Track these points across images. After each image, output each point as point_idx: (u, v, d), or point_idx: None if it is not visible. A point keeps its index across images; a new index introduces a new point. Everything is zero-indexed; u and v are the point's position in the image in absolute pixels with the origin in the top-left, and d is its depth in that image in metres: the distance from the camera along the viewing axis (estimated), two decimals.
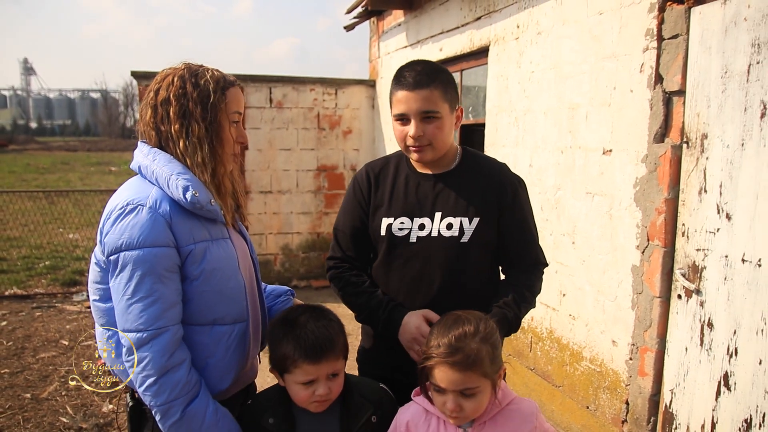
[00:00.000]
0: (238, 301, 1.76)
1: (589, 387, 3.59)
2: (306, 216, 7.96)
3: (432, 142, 1.95)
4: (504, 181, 2.05)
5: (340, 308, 1.92)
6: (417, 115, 1.94)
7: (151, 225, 1.59)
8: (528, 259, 2.10)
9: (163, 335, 1.60)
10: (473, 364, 1.54)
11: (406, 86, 1.94)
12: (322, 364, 1.67)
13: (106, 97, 79.59)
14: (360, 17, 7.54)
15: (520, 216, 2.06)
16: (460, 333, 1.58)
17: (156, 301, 1.59)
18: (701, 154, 2.74)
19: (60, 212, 10.28)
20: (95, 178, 22.87)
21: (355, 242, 2.14)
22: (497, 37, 4.65)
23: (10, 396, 4.39)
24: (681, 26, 2.83)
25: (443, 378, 1.55)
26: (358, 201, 2.14)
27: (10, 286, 7.55)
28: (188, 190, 1.62)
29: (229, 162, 1.81)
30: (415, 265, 2.02)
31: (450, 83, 1.99)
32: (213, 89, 1.70)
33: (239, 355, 1.77)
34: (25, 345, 5.50)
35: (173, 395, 1.60)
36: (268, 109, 7.62)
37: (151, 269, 1.58)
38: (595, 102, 3.48)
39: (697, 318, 2.79)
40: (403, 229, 2.03)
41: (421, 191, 2.05)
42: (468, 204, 2.00)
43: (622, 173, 3.26)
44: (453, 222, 1.99)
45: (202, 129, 1.69)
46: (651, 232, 3.05)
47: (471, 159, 2.11)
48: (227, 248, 1.76)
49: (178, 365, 1.62)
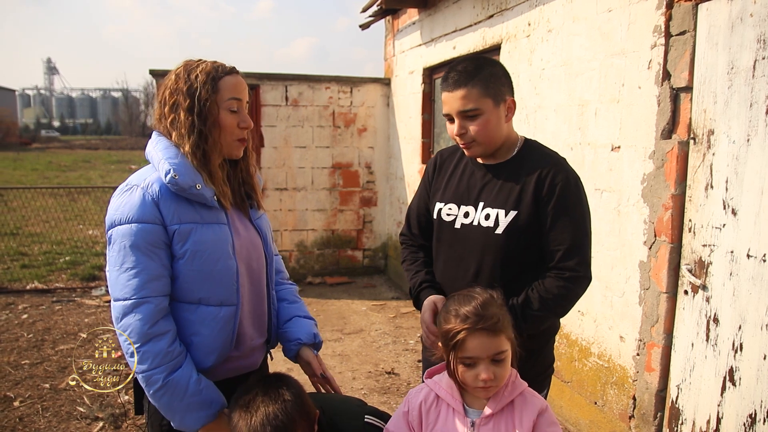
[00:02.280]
0: (227, 285, 1.83)
1: (597, 383, 3.61)
2: (321, 213, 8.03)
3: (476, 138, 1.99)
4: (547, 174, 1.98)
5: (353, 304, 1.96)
6: (458, 114, 1.99)
7: (140, 203, 1.73)
8: (555, 261, 1.97)
9: (145, 304, 1.71)
10: (501, 328, 1.61)
11: (447, 87, 2.00)
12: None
13: (127, 96, 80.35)
14: (375, 16, 7.59)
15: (556, 212, 1.96)
16: (481, 301, 1.64)
17: (140, 272, 1.71)
18: (708, 150, 2.75)
19: (81, 209, 10.46)
20: (115, 176, 23.14)
21: (420, 222, 2.31)
22: (509, 35, 4.67)
23: (30, 386, 4.51)
24: (688, 23, 2.84)
25: (477, 346, 1.59)
26: (425, 184, 2.31)
27: (32, 280, 7.71)
28: (169, 173, 1.73)
29: (233, 148, 1.88)
30: (457, 250, 2.10)
31: (493, 77, 1.99)
32: (202, 81, 1.79)
33: (224, 336, 1.84)
34: (44, 337, 5.63)
35: (155, 363, 1.70)
36: (284, 107, 7.70)
37: (137, 243, 1.71)
38: (604, 98, 3.49)
39: (703, 313, 2.80)
40: (450, 214, 2.13)
41: (472, 180, 2.12)
42: (508, 196, 2.01)
43: (630, 169, 3.27)
44: (491, 213, 2.02)
45: (188, 120, 1.79)
46: (658, 228, 3.06)
47: (527, 151, 2.09)
48: (219, 232, 1.83)
49: (160, 335, 1.72)
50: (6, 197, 11.28)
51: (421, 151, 6.89)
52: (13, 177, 22.01)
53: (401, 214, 7.52)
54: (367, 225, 8.25)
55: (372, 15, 7.59)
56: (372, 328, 6.05)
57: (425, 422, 1.73)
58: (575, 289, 1.98)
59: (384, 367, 4.99)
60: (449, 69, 2.03)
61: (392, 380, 4.73)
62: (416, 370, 4.93)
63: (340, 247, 8.20)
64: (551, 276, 1.98)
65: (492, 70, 2.00)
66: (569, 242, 1.96)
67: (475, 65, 1.99)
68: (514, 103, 2.08)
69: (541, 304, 1.95)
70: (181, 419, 1.76)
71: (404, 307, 6.74)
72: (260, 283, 2.00)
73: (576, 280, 1.97)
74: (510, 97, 2.05)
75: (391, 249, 8.12)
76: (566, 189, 1.98)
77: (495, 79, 2.00)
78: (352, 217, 8.17)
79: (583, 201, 2.03)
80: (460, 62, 2.03)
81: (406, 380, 4.73)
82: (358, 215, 8.19)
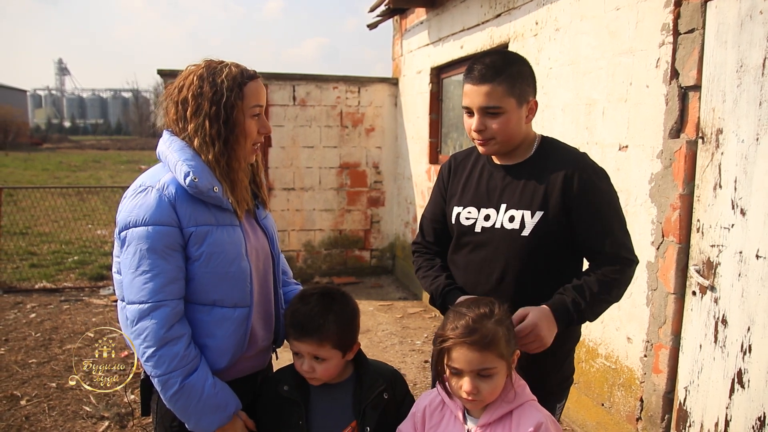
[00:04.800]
0: (240, 287, 1.82)
1: (604, 384, 3.58)
2: (328, 213, 8.02)
3: (494, 136, 1.93)
4: (573, 173, 1.92)
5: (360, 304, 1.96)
6: (479, 110, 1.92)
7: (156, 205, 1.71)
8: (605, 252, 1.92)
9: (162, 308, 1.70)
10: (490, 344, 1.57)
11: (472, 79, 1.92)
12: (302, 343, 1.79)
13: (137, 97, 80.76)
14: (383, 15, 7.58)
15: (592, 208, 1.91)
16: (476, 314, 1.61)
17: (157, 276, 1.70)
18: (716, 150, 2.72)
19: (90, 209, 10.52)
20: (125, 176, 23.24)
21: (435, 230, 2.23)
22: (516, 34, 4.64)
23: (36, 385, 4.52)
24: (697, 20, 2.81)
25: (461, 358, 1.58)
26: (439, 188, 2.24)
27: (40, 279, 7.74)
28: (188, 175, 1.71)
29: (250, 154, 1.87)
30: (479, 255, 2.03)
31: (520, 76, 1.92)
32: (228, 87, 1.76)
33: (237, 338, 1.83)
34: (52, 336, 5.65)
35: (171, 367, 1.70)
36: (292, 107, 7.70)
37: (153, 245, 1.70)
38: (611, 98, 3.46)
39: (711, 315, 2.76)
40: (469, 218, 2.05)
41: (492, 182, 2.05)
42: (532, 197, 1.94)
43: (637, 169, 3.24)
44: (515, 215, 1.95)
45: (214, 128, 1.76)
46: (666, 228, 3.03)
47: (546, 150, 2.03)
48: (233, 234, 1.82)
49: (176, 338, 1.71)
50: (16, 197, 11.33)
51: (429, 151, 6.87)
52: (23, 177, 22.15)
53: (409, 214, 7.51)
54: (375, 225, 8.24)
55: (380, 14, 7.58)
56: (379, 329, 6.04)
57: (428, 424, 1.74)
58: (629, 272, 1.95)
59: None
60: (475, 60, 1.96)
61: None
62: (423, 371, 4.91)
63: (348, 247, 8.19)
64: (604, 264, 1.92)
65: (520, 68, 1.94)
66: (611, 234, 1.93)
67: (503, 60, 1.93)
68: (537, 104, 2.01)
69: (601, 287, 1.88)
70: (197, 422, 1.76)
71: (411, 308, 6.72)
72: (268, 283, 1.99)
73: (629, 263, 1.95)
74: (533, 99, 1.99)
75: (398, 249, 8.11)
76: (597, 183, 1.94)
77: (521, 79, 1.93)
78: (359, 217, 8.16)
79: (613, 192, 2.00)
80: (487, 55, 1.96)
81: (412, 381, 4.71)
82: (365, 215, 8.18)
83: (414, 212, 7.28)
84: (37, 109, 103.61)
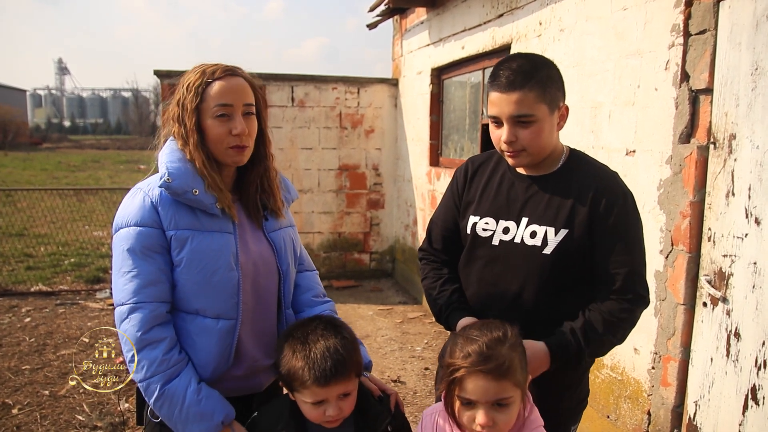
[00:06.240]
0: (224, 298, 1.74)
1: (610, 396, 3.47)
2: (327, 216, 7.92)
3: (526, 147, 1.79)
4: (602, 191, 1.80)
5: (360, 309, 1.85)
6: (509, 120, 1.77)
7: (139, 206, 1.70)
8: (620, 282, 1.79)
9: (139, 310, 1.65)
10: (507, 372, 1.45)
11: (499, 87, 1.77)
12: (331, 387, 1.59)
13: (137, 96, 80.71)
14: (383, 15, 7.49)
15: (614, 233, 1.78)
16: (489, 339, 1.49)
17: (136, 276, 1.67)
18: (729, 156, 2.61)
19: (88, 209, 10.42)
20: (124, 176, 23.18)
21: (444, 237, 2.09)
22: (519, 35, 4.54)
23: (29, 392, 4.42)
24: (709, 21, 2.70)
25: (475, 389, 1.45)
26: (453, 195, 2.09)
27: (36, 282, 7.65)
28: (163, 176, 1.69)
29: (226, 156, 1.77)
30: (494, 269, 1.90)
31: (550, 81, 1.79)
32: (187, 88, 1.74)
33: (220, 351, 1.75)
34: (46, 342, 5.55)
35: (150, 371, 1.64)
36: (290, 108, 7.60)
37: (133, 246, 1.68)
38: (618, 101, 3.36)
39: (723, 327, 2.66)
40: (487, 229, 1.92)
41: (513, 193, 1.91)
42: (557, 212, 1.81)
43: (645, 175, 3.13)
44: (538, 230, 1.82)
45: (181, 129, 1.76)
46: (675, 237, 2.93)
47: (575, 163, 1.90)
48: (220, 241, 1.74)
49: (155, 342, 1.66)
50: (14, 198, 11.24)
51: (429, 152, 6.77)
52: (22, 177, 22.07)
53: (409, 217, 7.40)
54: (374, 228, 8.14)
55: (379, 14, 7.48)
56: (378, 334, 5.94)
57: None
58: (637, 312, 1.84)
59: (390, 375, 4.88)
60: (500, 66, 1.81)
61: (398, 389, 4.61)
62: (423, 378, 4.81)
63: (347, 250, 8.08)
64: (613, 299, 1.80)
65: (549, 72, 1.80)
66: (630, 265, 1.80)
67: (532, 64, 1.78)
68: (568, 110, 1.88)
69: (606, 327, 1.77)
70: (183, 430, 1.68)
71: (411, 312, 6.62)
72: (267, 300, 1.88)
73: (640, 301, 1.83)
74: (564, 104, 1.86)
75: (398, 252, 8.01)
76: (625, 208, 1.82)
77: (552, 83, 1.79)
78: (359, 219, 8.06)
79: (639, 221, 1.87)
80: (513, 59, 1.81)
81: (412, 389, 4.61)
82: (365, 218, 8.08)
83: (414, 215, 7.17)
84: (37, 109, 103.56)
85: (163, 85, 7.06)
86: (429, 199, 6.66)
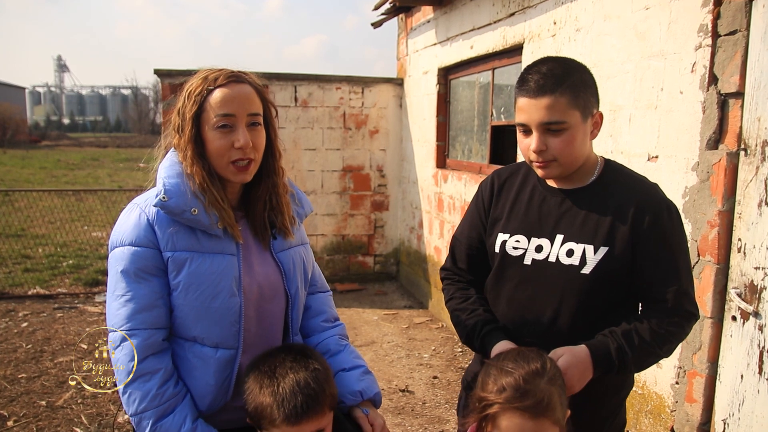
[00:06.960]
0: (225, 326, 1.61)
1: (630, 410, 3.34)
2: (331, 218, 7.79)
3: (557, 157, 1.66)
4: (644, 205, 1.68)
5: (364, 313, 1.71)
6: (539, 127, 1.65)
7: (135, 225, 1.58)
8: (667, 301, 1.67)
9: (132, 338, 1.54)
10: (546, 409, 1.33)
11: (527, 92, 1.66)
12: (303, 425, 1.46)
13: (137, 94, 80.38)
14: (388, 14, 7.35)
15: (662, 250, 1.67)
16: (527, 372, 1.36)
17: (129, 301, 1.56)
18: (762, 163, 2.48)
19: (87, 209, 10.27)
20: (123, 175, 23.01)
21: (469, 255, 1.95)
22: (532, 35, 4.41)
23: (25, 403, 4.29)
24: (740, 21, 2.57)
25: (510, 427, 1.33)
26: (478, 211, 1.95)
27: (34, 285, 7.51)
28: (159, 194, 1.55)
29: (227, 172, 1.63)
30: (526, 291, 1.77)
31: (583, 85, 1.66)
32: (188, 96, 1.61)
33: (219, 382, 1.63)
34: (44, 348, 5.42)
35: (142, 406, 1.53)
36: (293, 108, 7.46)
37: (127, 268, 1.56)
38: (639, 104, 3.23)
39: (755, 343, 2.53)
40: (518, 248, 1.79)
41: (545, 208, 1.78)
42: (596, 229, 1.69)
43: (669, 182, 3.00)
44: (575, 248, 1.70)
45: (181, 141, 1.63)
46: (702, 247, 2.79)
47: (611, 175, 1.77)
48: (222, 264, 1.60)
49: (149, 374, 1.54)
50: (12, 197, 11.09)
51: (436, 154, 6.63)
52: (21, 175, 21.90)
53: (414, 219, 7.27)
54: (379, 230, 8.00)
55: (384, 13, 7.35)
56: (384, 340, 5.80)
57: None
58: (687, 328, 1.72)
59: (398, 384, 4.74)
60: (530, 69, 1.70)
61: (406, 399, 4.48)
62: (431, 388, 4.68)
63: (351, 253, 7.95)
64: (662, 313, 1.68)
65: (582, 76, 1.68)
66: (678, 283, 1.68)
67: (563, 68, 1.66)
68: (602, 117, 1.75)
69: (654, 339, 1.64)
70: None
71: (417, 317, 6.48)
72: (273, 326, 1.74)
73: (691, 317, 1.71)
74: (597, 111, 1.73)
75: (403, 255, 7.87)
76: (670, 222, 1.69)
77: (585, 88, 1.67)
78: (363, 221, 7.93)
79: (684, 234, 1.75)
80: (543, 62, 1.70)
81: (421, 399, 4.48)
82: (369, 220, 7.94)
83: (419, 217, 7.04)
84: (36, 106, 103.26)
85: (163, 85, 6.93)
86: (435, 201, 6.52)
